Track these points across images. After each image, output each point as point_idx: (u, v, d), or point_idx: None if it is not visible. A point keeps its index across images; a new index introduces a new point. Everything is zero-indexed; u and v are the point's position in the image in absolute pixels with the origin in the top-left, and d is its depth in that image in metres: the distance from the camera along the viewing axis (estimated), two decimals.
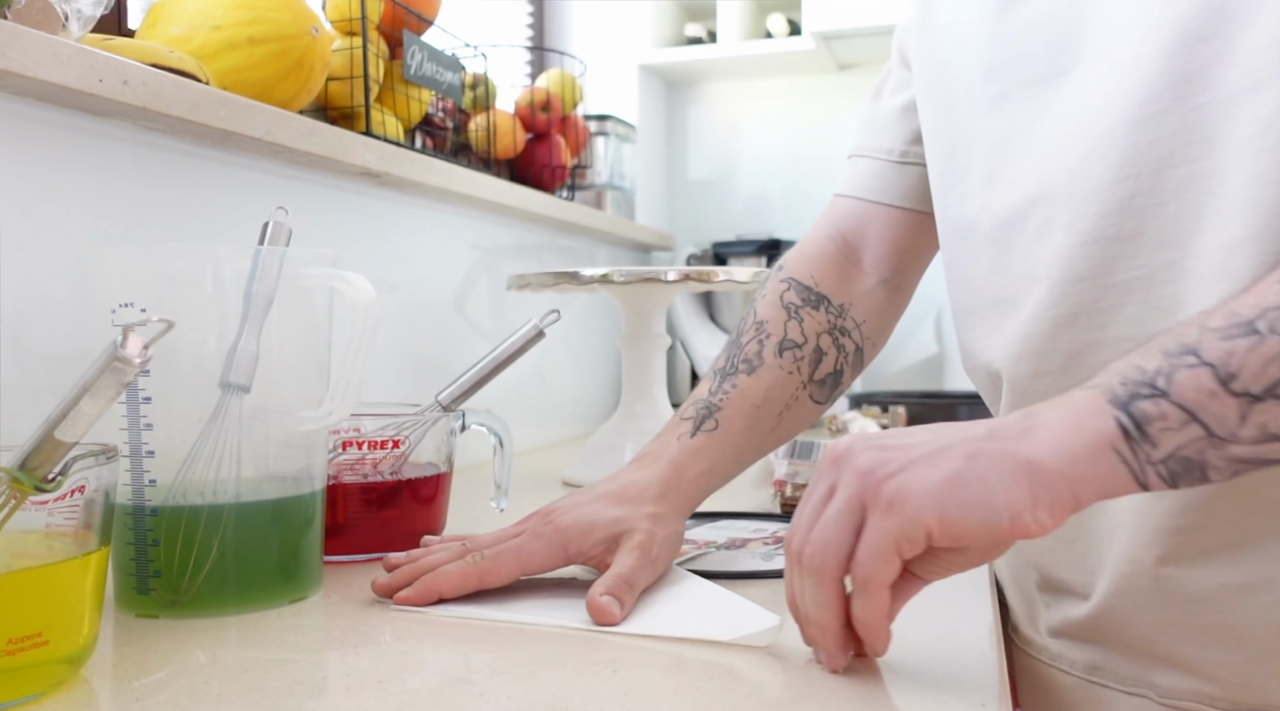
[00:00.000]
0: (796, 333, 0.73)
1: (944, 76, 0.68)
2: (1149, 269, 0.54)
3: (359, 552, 0.73)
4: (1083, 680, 0.61)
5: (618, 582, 0.57)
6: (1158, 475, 0.42)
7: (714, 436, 0.69)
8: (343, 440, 0.73)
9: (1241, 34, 0.50)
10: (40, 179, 0.70)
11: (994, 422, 0.45)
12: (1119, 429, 0.42)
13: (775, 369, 0.72)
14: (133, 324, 0.43)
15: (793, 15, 1.86)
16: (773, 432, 0.72)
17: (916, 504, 0.42)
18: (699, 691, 0.46)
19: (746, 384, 0.71)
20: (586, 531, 0.61)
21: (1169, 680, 0.56)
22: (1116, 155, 0.54)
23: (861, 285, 0.77)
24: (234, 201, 0.88)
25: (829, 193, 0.84)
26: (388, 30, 1.10)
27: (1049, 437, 0.43)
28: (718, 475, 0.68)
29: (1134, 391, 0.42)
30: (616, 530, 0.61)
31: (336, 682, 0.49)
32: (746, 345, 0.73)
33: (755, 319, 0.75)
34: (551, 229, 1.52)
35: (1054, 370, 0.59)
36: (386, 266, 1.11)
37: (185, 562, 0.58)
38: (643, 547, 0.59)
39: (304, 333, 0.62)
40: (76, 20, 0.69)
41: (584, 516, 0.62)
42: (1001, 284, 0.63)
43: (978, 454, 0.43)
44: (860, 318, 0.76)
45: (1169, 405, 0.41)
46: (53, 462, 0.44)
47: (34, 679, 0.45)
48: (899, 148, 0.76)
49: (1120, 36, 0.55)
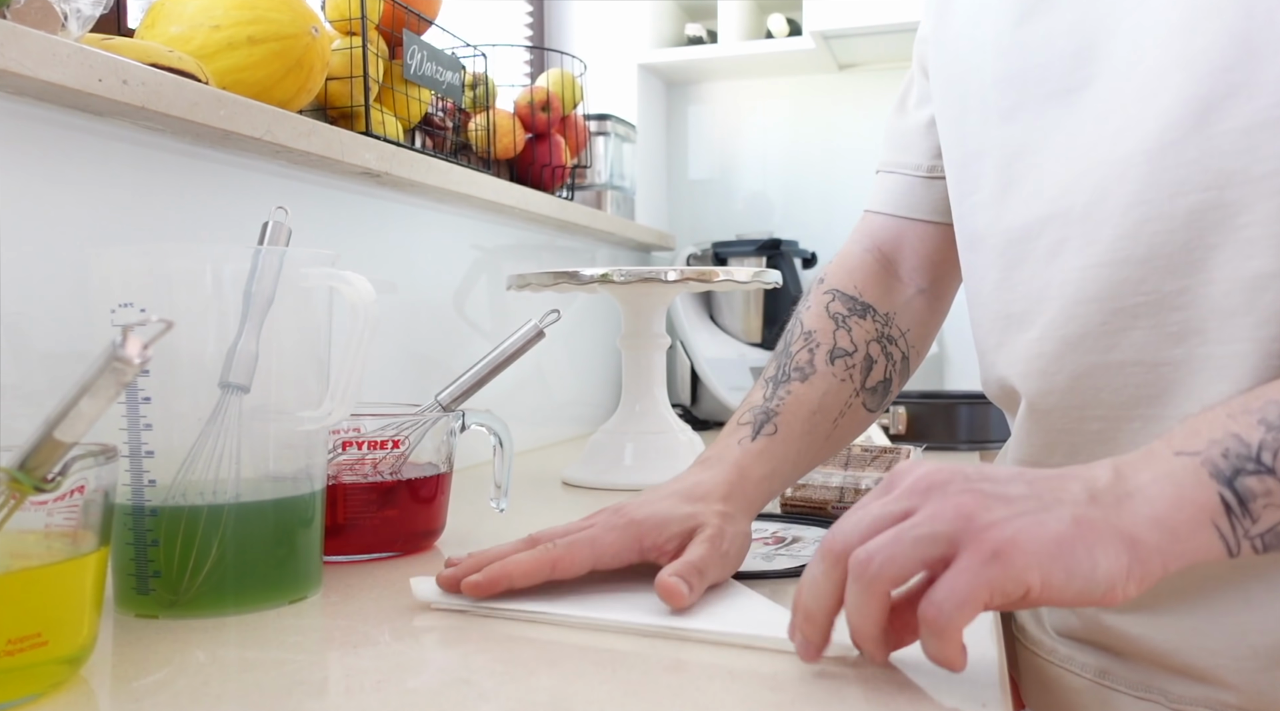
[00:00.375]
0: (846, 341, 0.73)
1: (957, 85, 0.68)
2: (1158, 295, 0.54)
3: (359, 552, 0.73)
4: (1093, 682, 0.61)
5: (688, 568, 0.57)
6: (1251, 547, 0.42)
7: (774, 440, 0.69)
8: (343, 440, 0.73)
9: (1265, 65, 0.50)
10: (40, 179, 0.70)
11: (1088, 482, 0.44)
12: (1221, 504, 0.42)
13: (828, 376, 0.72)
14: (132, 324, 0.43)
15: (793, 15, 1.86)
16: (828, 439, 0.72)
17: (1024, 561, 0.41)
18: (699, 691, 0.46)
19: (801, 390, 0.71)
20: (661, 525, 0.60)
21: (1180, 687, 0.56)
22: (1134, 180, 0.54)
23: (902, 295, 0.78)
24: (234, 201, 0.88)
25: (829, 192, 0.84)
26: (387, 30, 1.10)
27: (1148, 510, 0.42)
28: (779, 479, 0.69)
29: (1238, 466, 0.42)
30: (690, 525, 0.61)
31: (336, 682, 0.49)
32: (797, 354, 0.74)
33: (803, 329, 0.75)
34: (551, 229, 1.52)
35: (1060, 390, 0.59)
36: (386, 266, 1.11)
37: (185, 562, 0.58)
38: (714, 540, 0.59)
39: (304, 332, 0.62)
40: (76, 20, 0.69)
41: (658, 511, 0.61)
42: (1009, 300, 0.63)
43: (1083, 520, 0.42)
44: (905, 326, 0.77)
45: (1275, 482, 0.42)
46: (52, 462, 0.44)
47: (33, 679, 0.45)
48: (926, 162, 0.77)
49: (1142, 60, 0.55)
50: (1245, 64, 0.50)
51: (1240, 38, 0.50)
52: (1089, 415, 0.58)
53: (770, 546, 0.74)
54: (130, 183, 0.77)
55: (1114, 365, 0.56)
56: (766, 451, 0.68)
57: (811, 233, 1.91)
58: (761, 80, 2.01)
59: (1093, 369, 0.57)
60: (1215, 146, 0.51)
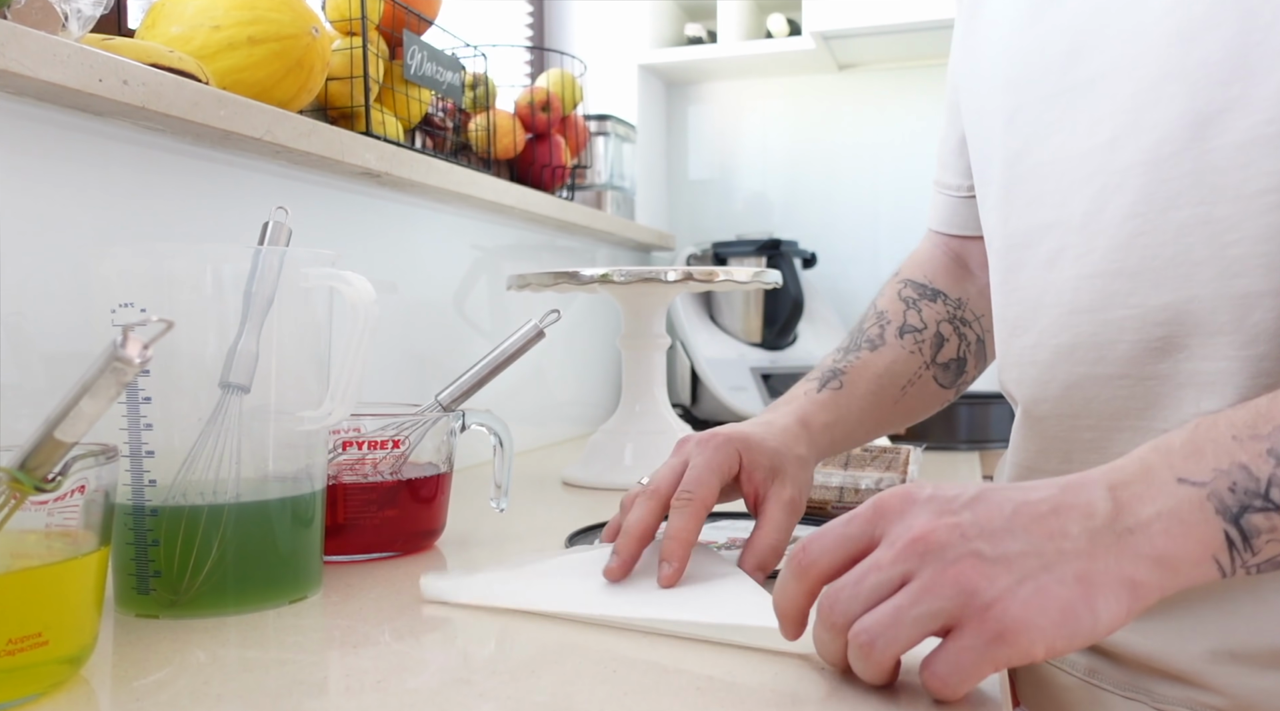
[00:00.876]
0: (916, 320, 0.77)
1: (975, 90, 0.68)
2: (1143, 309, 0.54)
3: (359, 552, 0.73)
4: (1083, 681, 0.61)
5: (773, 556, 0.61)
6: (1245, 573, 0.42)
7: (839, 394, 0.72)
8: (343, 440, 0.73)
9: (1261, 81, 0.49)
10: (40, 179, 0.70)
11: (1087, 518, 0.42)
12: (1225, 541, 0.41)
13: (897, 348, 0.76)
14: (133, 324, 0.43)
15: (793, 15, 1.86)
16: (897, 405, 0.74)
17: (1029, 638, 0.40)
18: (699, 691, 0.46)
19: (869, 356, 0.75)
20: (758, 444, 0.64)
21: (1164, 688, 0.56)
22: (1132, 191, 0.54)
23: (974, 284, 0.80)
24: (234, 201, 0.88)
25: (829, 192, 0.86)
26: (388, 30, 1.10)
27: (1149, 549, 0.41)
28: (841, 429, 0.71)
29: (1245, 503, 0.41)
30: (777, 462, 0.64)
31: (336, 682, 0.49)
32: (868, 329, 0.77)
33: (875, 310, 0.79)
34: (551, 229, 1.52)
35: (1053, 398, 0.60)
36: (386, 266, 1.11)
37: (185, 562, 0.58)
38: (793, 505, 0.63)
39: (304, 332, 0.62)
40: (76, 20, 0.69)
41: (748, 432, 0.65)
42: (1007, 304, 0.63)
43: (1086, 577, 0.41)
44: (978, 312, 0.78)
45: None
46: (53, 462, 0.44)
47: (34, 679, 0.45)
48: (963, 183, 0.78)
49: (1139, 66, 0.54)
50: (1242, 79, 0.50)
51: (1238, 52, 0.50)
52: (1081, 424, 0.58)
53: None
54: (130, 183, 0.77)
55: (1103, 377, 0.56)
56: (830, 403, 0.71)
57: (811, 233, 1.91)
58: (761, 80, 2.01)
59: (1083, 379, 0.57)
60: (1210, 162, 0.51)
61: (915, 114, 1.88)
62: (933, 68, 1.87)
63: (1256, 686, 0.52)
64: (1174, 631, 0.55)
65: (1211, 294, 0.51)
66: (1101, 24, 0.57)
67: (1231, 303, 0.51)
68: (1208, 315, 0.52)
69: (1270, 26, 0.49)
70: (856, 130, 1.93)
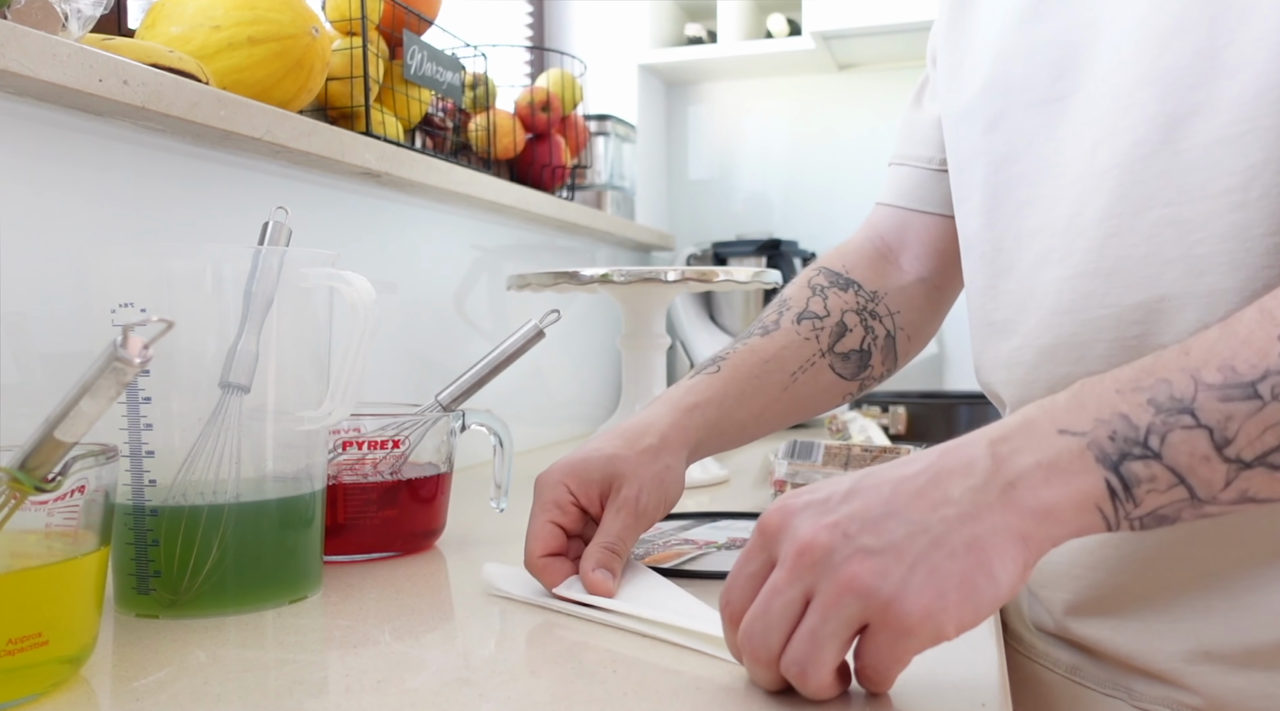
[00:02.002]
0: (819, 306, 0.73)
1: (956, 86, 0.68)
2: (1119, 308, 0.55)
3: (359, 552, 0.73)
4: (1065, 678, 0.62)
5: (605, 555, 0.59)
6: (1130, 526, 0.42)
7: (714, 377, 0.69)
8: (343, 440, 0.73)
9: (1227, 83, 0.50)
10: (40, 179, 0.70)
11: (967, 476, 0.42)
12: (1106, 490, 0.41)
13: (790, 333, 0.72)
14: (133, 324, 0.43)
15: (793, 15, 1.86)
16: (786, 391, 0.71)
17: (935, 624, 0.40)
18: (699, 691, 0.46)
19: (758, 342, 0.72)
20: (583, 463, 0.63)
21: (1143, 686, 0.57)
22: (1108, 193, 0.55)
23: (897, 280, 0.78)
24: (234, 201, 0.88)
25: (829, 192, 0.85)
26: (388, 30, 1.10)
27: (1033, 501, 0.41)
28: (714, 410, 0.67)
29: (1124, 451, 0.41)
30: (610, 469, 0.62)
31: (336, 682, 0.49)
32: (766, 316, 0.74)
33: (779, 297, 0.76)
34: (551, 229, 1.52)
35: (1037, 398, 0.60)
36: (386, 266, 1.11)
37: (185, 562, 0.58)
38: (629, 505, 0.61)
39: (304, 332, 0.62)
40: (76, 20, 0.69)
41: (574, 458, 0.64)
42: (994, 307, 0.63)
43: (977, 542, 0.40)
44: (894, 307, 0.76)
45: (1160, 467, 0.40)
46: (53, 462, 0.44)
47: (34, 679, 0.45)
48: (937, 156, 0.77)
49: (1116, 74, 0.55)
50: (1208, 83, 0.51)
51: (1205, 56, 0.51)
52: None
53: None
54: (130, 183, 0.77)
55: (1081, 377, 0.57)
56: (702, 385, 0.68)
57: (811, 233, 1.91)
58: (761, 80, 2.01)
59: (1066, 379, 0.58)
60: (1179, 163, 0.52)
61: None
62: None
63: (1231, 685, 0.53)
64: (1153, 632, 0.56)
65: (1180, 292, 0.52)
66: (1092, 34, 0.57)
67: (1199, 300, 0.52)
68: (1177, 313, 0.52)
69: (1235, 31, 0.50)
70: (856, 130, 1.93)
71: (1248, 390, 0.39)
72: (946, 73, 0.70)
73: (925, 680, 0.47)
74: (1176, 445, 0.40)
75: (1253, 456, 0.39)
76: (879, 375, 0.77)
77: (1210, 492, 0.40)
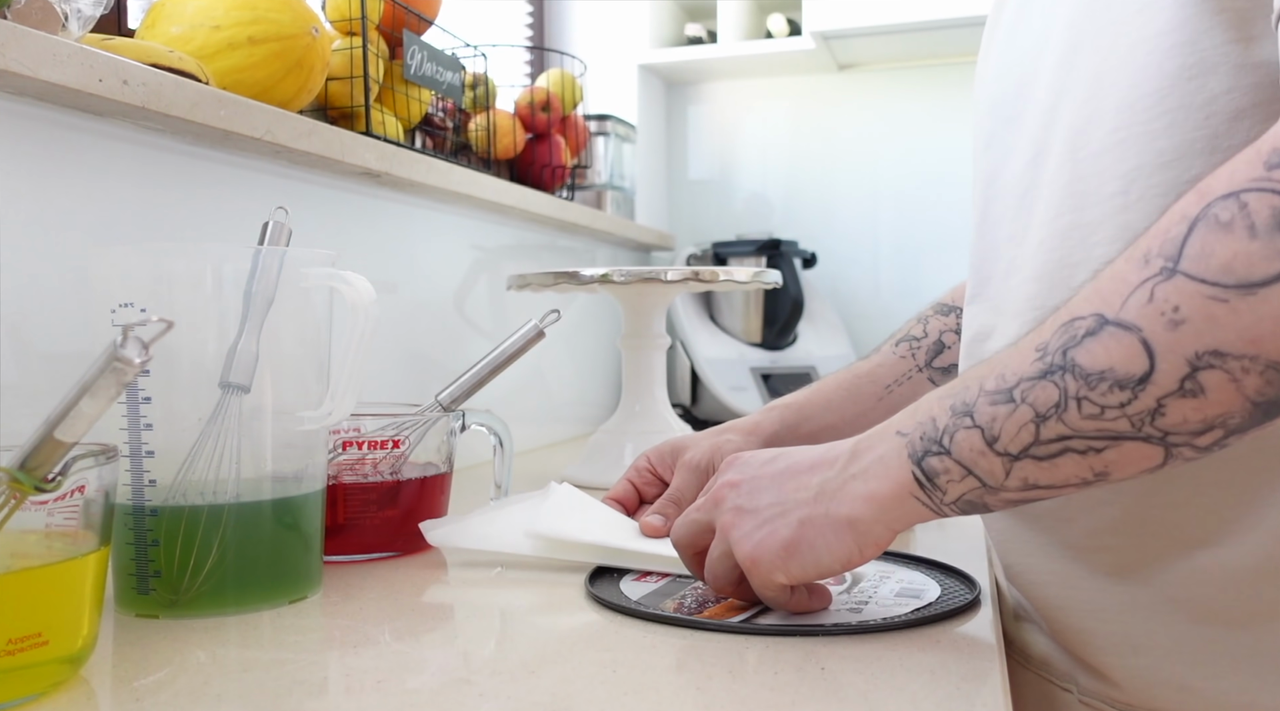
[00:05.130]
0: (919, 330, 0.81)
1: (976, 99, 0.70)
2: (1043, 311, 0.56)
3: (359, 552, 0.73)
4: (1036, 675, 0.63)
5: (664, 504, 0.72)
6: (952, 511, 0.50)
7: (803, 389, 0.80)
8: (343, 440, 0.73)
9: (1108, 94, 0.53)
10: (40, 179, 0.70)
11: (825, 469, 0.53)
12: (915, 481, 0.49)
13: (888, 353, 0.81)
14: (133, 324, 0.43)
15: (793, 15, 1.86)
16: (882, 401, 0.79)
17: (766, 567, 0.53)
18: (699, 691, 0.46)
19: (857, 364, 0.82)
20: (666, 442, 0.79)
21: (1085, 679, 0.59)
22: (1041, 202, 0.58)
23: None
24: (234, 201, 0.88)
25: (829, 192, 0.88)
26: (388, 30, 1.10)
27: (863, 489, 0.51)
28: (794, 411, 0.78)
29: (927, 449, 0.49)
30: (680, 443, 0.77)
31: (336, 682, 0.49)
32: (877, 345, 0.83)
33: None
34: (551, 229, 1.52)
35: None
36: (386, 266, 1.11)
37: (185, 562, 0.58)
38: (688, 464, 0.74)
39: (304, 332, 0.62)
40: (76, 20, 0.69)
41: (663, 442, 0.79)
42: (970, 322, 0.66)
43: (807, 521, 0.52)
44: None
45: (950, 461, 0.48)
46: (53, 462, 0.44)
47: (34, 679, 0.45)
48: None
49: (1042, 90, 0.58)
50: (1097, 95, 0.54)
51: (1096, 68, 0.54)
52: None
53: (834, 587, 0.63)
54: (130, 183, 0.77)
55: None
56: (789, 396, 0.79)
57: (811, 233, 1.91)
58: (761, 80, 2.01)
59: None
60: (1079, 171, 0.55)
61: (915, 114, 1.88)
62: (932, 68, 1.87)
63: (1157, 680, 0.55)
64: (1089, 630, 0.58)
65: None
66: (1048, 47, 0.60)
67: None
68: None
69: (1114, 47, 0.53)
70: (856, 130, 1.93)
71: (1007, 395, 0.46)
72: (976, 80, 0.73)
73: (925, 680, 0.47)
74: (960, 443, 0.47)
75: (1017, 450, 0.46)
76: None
77: (996, 481, 0.47)
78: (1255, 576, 0.51)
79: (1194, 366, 0.41)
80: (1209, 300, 0.40)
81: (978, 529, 0.84)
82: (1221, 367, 0.41)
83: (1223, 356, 0.40)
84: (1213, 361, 0.41)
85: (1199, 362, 0.41)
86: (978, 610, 0.59)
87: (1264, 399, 0.41)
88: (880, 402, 0.79)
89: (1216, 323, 0.40)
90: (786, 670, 0.49)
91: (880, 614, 0.57)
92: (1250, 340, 0.40)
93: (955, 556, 0.69)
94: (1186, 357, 0.41)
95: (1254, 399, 0.41)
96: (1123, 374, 0.42)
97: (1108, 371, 0.43)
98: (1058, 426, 0.44)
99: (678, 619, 0.56)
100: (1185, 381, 0.41)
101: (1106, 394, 0.43)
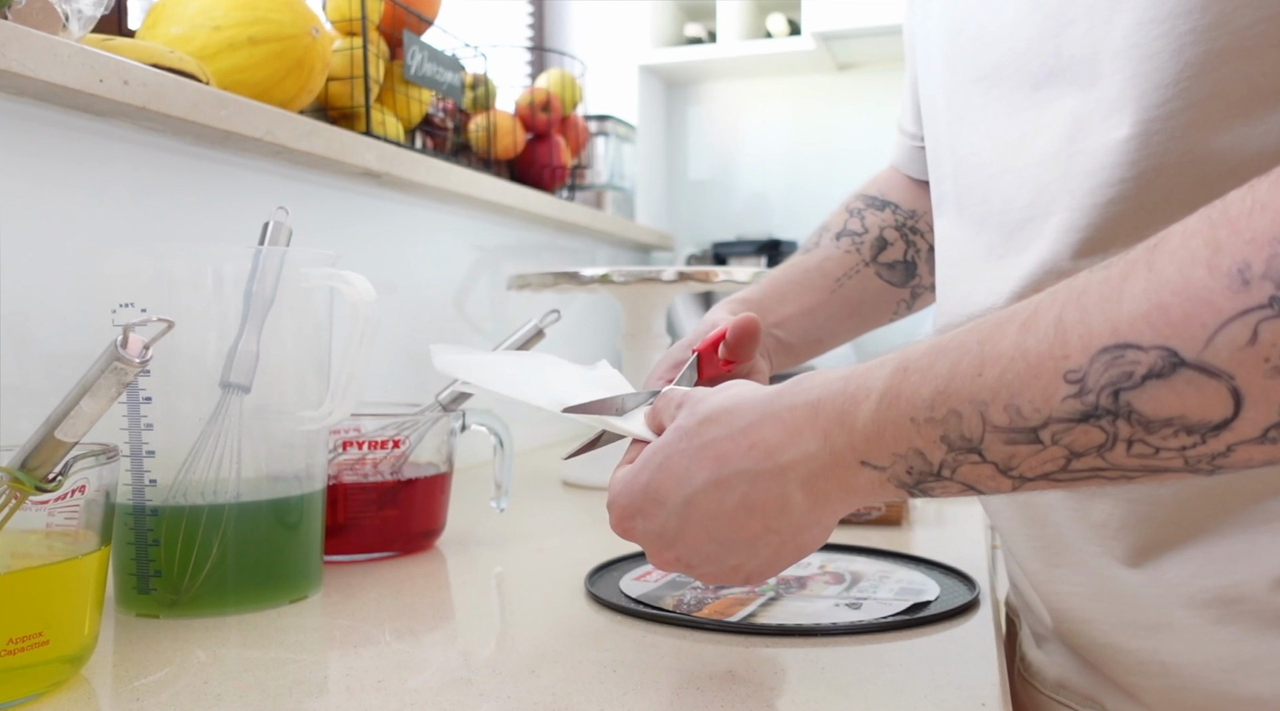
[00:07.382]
0: (857, 225, 0.75)
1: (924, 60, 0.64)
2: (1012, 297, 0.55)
3: (359, 552, 0.73)
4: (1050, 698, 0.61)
5: None
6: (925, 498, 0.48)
7: (750, 289, 0.73)
8: (343, 440, 0.73)
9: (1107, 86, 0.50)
10: (41, 179, 0.70)
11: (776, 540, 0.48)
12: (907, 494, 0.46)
13: (829, 247, 0.75)
14: (133, 324, 0.43)
15: (793, 15, 1.86)
16: (834, 294, 0.73)
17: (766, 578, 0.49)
18: (699, 691, 0.46)
19: (797, 258, 0.75)
20: None
21: (1114, 701, 0.56)
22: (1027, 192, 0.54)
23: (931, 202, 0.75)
24: (234, 201, 0.88)
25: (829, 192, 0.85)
26: (388, 30, 1.10)
27: (832, 519, 0.47)
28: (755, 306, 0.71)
29: (919, 479, 0.44)
30: None
31: (336, 682, 0.49)
32: (806, 241, 0.77)
33: (819, 226, 0.78)
34: (551, 229, 1.52)
35: None
36: (387, 266, 1.11)
37: (185, 562, 0.58)
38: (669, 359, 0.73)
39: (304, 332, 0.62)
40: (76, 20, 0.69)
41: None
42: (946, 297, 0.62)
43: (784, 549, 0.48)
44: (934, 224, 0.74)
45: (953, 484, 0.44)
46: (53, 462, 0.44)
47: (34, 678, 0.45)
48: (919, 132, 0.74)
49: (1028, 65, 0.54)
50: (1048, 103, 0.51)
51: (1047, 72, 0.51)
52: None
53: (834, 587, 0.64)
54: (131, 183, 0.77)
55: None
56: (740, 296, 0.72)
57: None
58: (761, 80, 2.01)
59: None
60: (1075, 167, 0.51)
61: None
62: None
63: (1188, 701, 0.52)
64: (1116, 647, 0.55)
65: None
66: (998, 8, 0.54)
67: None
68: None
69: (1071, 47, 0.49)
70: (856, 130, 1.93)
71: (1031, 435, 0.40)
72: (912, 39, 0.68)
73: (926, 680, 0.48)
74: (966, 473, 0.43)
75: (1035, 475, 0.41)
76: (930, 284, 0.76)
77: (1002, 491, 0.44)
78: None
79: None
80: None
81: (978, 529, 0.84)
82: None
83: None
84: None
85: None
86: (977, 610, 0.59)
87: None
88: (833, 295, 0.74)
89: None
90: (786, 669, 0.49)
91: (879, 613, 0.57)
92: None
93: (955, 556, 0.69)
94: None
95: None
96: (1196, 421, 0.36)
97: (1176, 419, 0.36)
98: (1095, 460, 0.39)
99: (677, 618, 0.56)
100: (1271, 430, 0.35)
101: (1168, 438, 0.37)
